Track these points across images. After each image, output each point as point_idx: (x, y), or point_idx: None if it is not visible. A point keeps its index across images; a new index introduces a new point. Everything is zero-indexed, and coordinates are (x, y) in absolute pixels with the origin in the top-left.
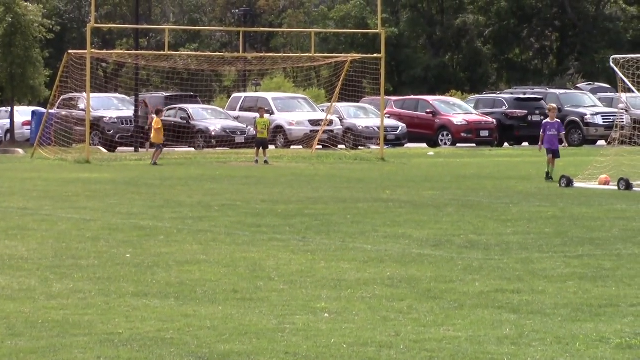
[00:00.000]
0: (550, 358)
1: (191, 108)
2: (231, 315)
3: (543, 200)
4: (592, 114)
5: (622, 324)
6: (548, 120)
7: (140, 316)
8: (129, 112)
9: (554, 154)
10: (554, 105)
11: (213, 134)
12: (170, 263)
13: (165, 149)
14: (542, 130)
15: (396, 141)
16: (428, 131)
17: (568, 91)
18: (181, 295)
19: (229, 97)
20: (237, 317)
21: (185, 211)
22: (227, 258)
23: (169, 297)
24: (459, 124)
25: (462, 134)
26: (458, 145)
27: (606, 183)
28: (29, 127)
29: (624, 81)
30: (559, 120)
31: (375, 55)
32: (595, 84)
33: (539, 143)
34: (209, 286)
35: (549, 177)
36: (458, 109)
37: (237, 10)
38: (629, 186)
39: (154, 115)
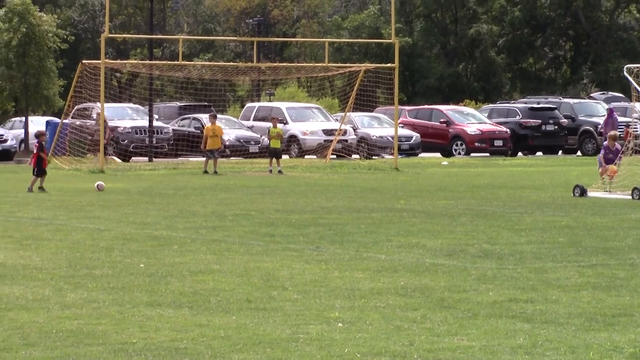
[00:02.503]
0: None
1: (205, 118)
2: (245, 325)
3: (557, 209)
4: (622, 123)
5: (636, 334)
6: (608, 145)
7: (154, 326)
8: (143, 122)
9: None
10: (617, 134)
11: (227, 143)
12: (184, 273)
13: (179, 158)
14: (602, 153)
15: (410, 151)
16: (442, 141)
17: (582, 100)
18: (195, 305)
19: (242, 106)
20: (251, 326)
21: (199, 221)
22: (241, 268)
23: (182, 307)
24: (473, 133)
25: (476, 144)
26: (472, 154)
27: (613, 174)
28: None
29: (637, 90)
30: (619, 147)
31: (389, 65)
32: (609, 93)
33: (599, 166)
34: (222, 296)
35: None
36: (472, 119)
37: (250, 20)
38: None
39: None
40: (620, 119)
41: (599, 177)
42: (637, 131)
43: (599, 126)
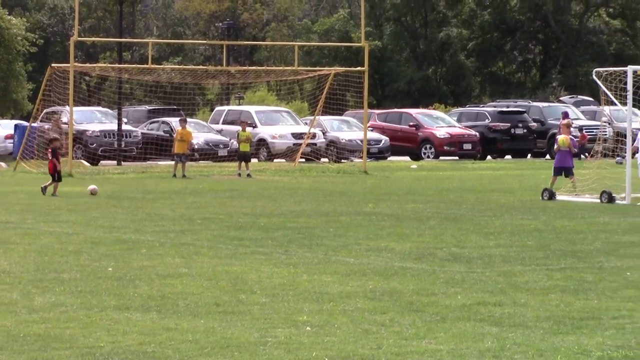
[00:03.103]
0: None
1: (174, 121)
2: (213, 329)
3: (525, 213)
4: (575, 127)
5: (604, 337)
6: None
7: (121, 330)
8: (112, 126)
9: (566, 171)
10: (569, 121)
11: (196, 147)
12: (152, 276)
13: (148, 162)
14: (555, 145)
15: (379, 154)
16: (411, 144)
17: (551, 104)
18: (163, 309)
19: (212, 110)
20: (219, 330)
21: (168, 224)
22: (209, 271)
23: (150, 311)
24: (442, 137)
25: (445, 147)
26: (441, 158)
27: (568, 144)
28: (11, 141)
29: (606, 94)
30: (572, 137)
31: (359, 68)
32: (578, 96)
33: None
34: (190, 299)
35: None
36: (441, 122)
37: (220, 24)
38: (611, 199)
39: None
40: (588, 122)
41: (551, 182)
42: (605, 135)
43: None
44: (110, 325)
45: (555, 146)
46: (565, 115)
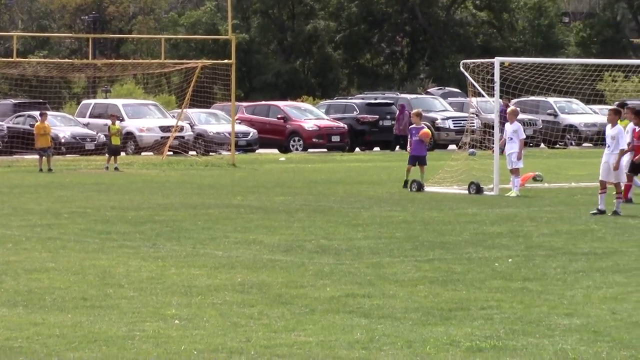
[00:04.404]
0: None
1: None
2: (80, 323)
3: (394, 204)
4: (442, 119)
5: (473, 327)
6: (414, 125)
7: None
8: None
9: (420, 160)
10: (419, 110)
11: (62, 140)
12: (19, 271)
13: (14, 156)
14: (409, 136)
15: (247, 147)
16: (279, 137)
17: (419, 96)
18: (30, 304)
19: (78, 103)
20: (87, 324)
21: (34, 219)
22: (77, 265)
23: (17, 306)
24: (310, 129)
25: (314, 139)
26: (309, 150)
27: (426, 136)
28: None
29: (474, 86)
30: (424, 125)
31: (226, 61)
32: (446, 88)
33: (407, 147)
34: (57, 294)
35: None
36: (309, 115)
37: (86, 17)
38: (479, 190)
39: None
40: (457, 114)
41: (406, 172)
42: (473, 126)
43: (436, 121)
44: None
45: (412, 138)
46: (402, 108)
